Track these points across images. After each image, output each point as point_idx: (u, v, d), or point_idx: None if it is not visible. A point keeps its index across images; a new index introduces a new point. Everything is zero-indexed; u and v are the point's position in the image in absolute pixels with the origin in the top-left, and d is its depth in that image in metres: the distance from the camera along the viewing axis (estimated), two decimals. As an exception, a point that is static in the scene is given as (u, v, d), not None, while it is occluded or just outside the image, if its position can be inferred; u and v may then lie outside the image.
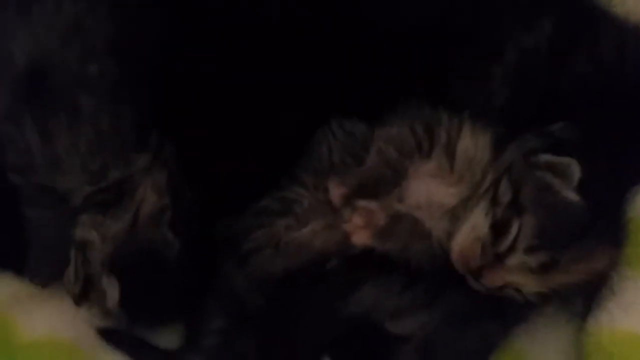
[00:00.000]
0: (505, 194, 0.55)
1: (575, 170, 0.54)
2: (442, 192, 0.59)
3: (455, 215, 0.58)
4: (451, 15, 0.64)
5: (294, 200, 0.60)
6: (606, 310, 0.54)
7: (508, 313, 0.57)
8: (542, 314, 0.59)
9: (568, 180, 0.55)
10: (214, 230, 0.61)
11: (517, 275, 0.54)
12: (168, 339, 0.62)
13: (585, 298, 0.58)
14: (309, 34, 0.63)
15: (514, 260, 0.54)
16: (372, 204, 0.57)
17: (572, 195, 0.54)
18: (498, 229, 0.55)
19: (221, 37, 0.61)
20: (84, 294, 0.58)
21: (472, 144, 0.60)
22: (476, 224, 0.56)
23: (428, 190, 0.59)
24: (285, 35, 0.62)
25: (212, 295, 0.61)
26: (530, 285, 0.54)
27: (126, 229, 0.57)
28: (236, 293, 0.59)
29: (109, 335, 0.60)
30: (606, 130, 0.60)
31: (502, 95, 0.63)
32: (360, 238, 0.57)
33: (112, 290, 0.56)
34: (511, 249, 0.54)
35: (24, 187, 0.58)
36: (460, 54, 0.64)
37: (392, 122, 0.60)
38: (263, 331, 0.58)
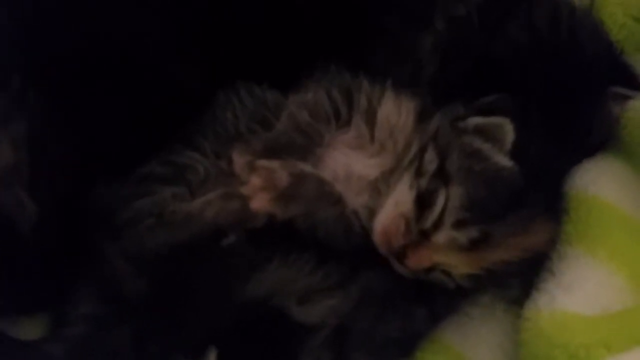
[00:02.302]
0: (430, 162, 0.50)
1: (508, 130, 0.50)
2: (362, 163, 0.53)
3: (376, 189, 0.52)
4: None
5: (187, 166, 0.52)
6: (545, 292, 0.48)
7: (437, 300, 0.50)
8: (476, 304, 0.52)
9: (500, 144, 0.50)
10: (85, 197, 0.50)
11: (446, 254, 0.48)
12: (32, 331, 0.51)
13: (522, 284, 0.51)
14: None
15: (441, 237, 0.47)
16: (273, 163, 0.49)
17: (504, 161, 0.49)
18: (423, 202, 0.48)
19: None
20: None
21: (395, 111, 0.54)
22: (399, 199, 0.49)
23: (346, 162, 0.53)
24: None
25: (83, 276, 0.50)
26: (460, 265, 0.48)
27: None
28: (110, 272, 0.49)
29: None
30: (542, 98, 0.56)
31: (432, 64, 0.59)
32: (259, 202, 0.49)
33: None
34: (438, 224, 0.48)
35: None
36: (386, 21, 0.59)
37: (308, 88, 0.54)
38: (141, 318, 0.47)
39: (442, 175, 0.48)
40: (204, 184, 0.52)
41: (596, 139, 0.57)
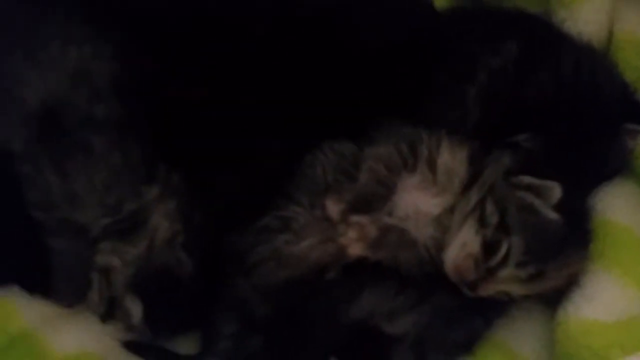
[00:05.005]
0: (492, 215, 0.61)
1: (557, 192, 0.60)
2: (428, 202, 0.65)
3: (440, 222, 0.65)
4: (427, 42, 0.70)
5: (291, 217, 0.66)
6: (572, 301, 0.61)
7: (491, 309, 0.65)
8: (520, 307, 0.66)
9: (548, 200, 0.61)
10: (222, 246, 0.66)
11: (508, 285, 0.61)
12: (187, 346, 0.68)
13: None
14: (296, 66, 0.68)
15: (505, 274, 0.60)
16: (364, 219, 0.64)
17: (552, 214, 0.60)
18: (488, 247, 0.60)
19: (214, 72, 0.66)
20: (109, 313, 0.64)
21: (451, 157, 0.66)
22: (467, 241, 0.61)
23: (415, 201, 0.65)
24: (272, 68, 0.68)
25: (224, 304, 0.67)
26: (518, 291, 0.61)
27: (144, 253, 0.62)
28: (245, 301, 0.65)
29: (134, 347, 0.66)
30: (565, 134, 0.66)
31: (475, 112, 0.69)
32: (355, 250, 0.63)
33: (135, 309, 0.62)
34: (502, 264, 0.60)
35: (46, 221, 0.63)
36: (436, 78, 0.70)
37: (379, 141, 0.66)
38: (271, 335, 0.64)
39: (503, 227, 0.60)
40: (305, 230, 0.66)
41: (612, 169, 0.68)
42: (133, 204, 0.62)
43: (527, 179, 0.62)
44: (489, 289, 0.61)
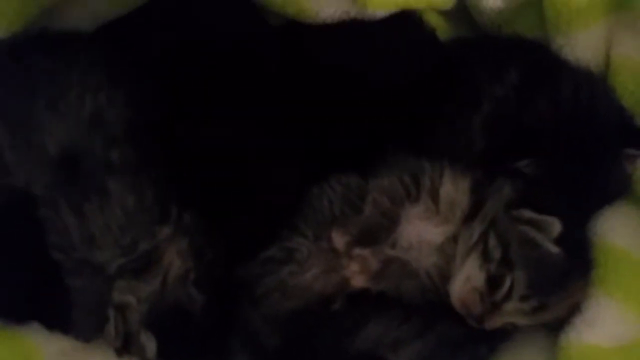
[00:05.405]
0: (495, 249, 0.63)
1: (557, 227, 0.62)
2: (431, 231, 0.67)
3: (443, 250, 0.67)
4: (434, 74, 0.73)
5: (295, 249, 0.69)
6: (574, 326, 0.63)
7: (495, 337, 0.66)
8: (523, 332, 0.67)
9: (547, 233, 0.62)
10: (231, 279, 0.69)
11: (512, 317, 0.63)
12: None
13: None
14: (304, 100, 0.71)
15: (510, 307, 0.62)
16: (366, 252, 0.66)
17: (553, 248, 0.62)
18: (492, 281, 0.62)
19: (222, 113, 0.70)
20: (125, 348, 0.66)
21: (453, 187, 0.68)
22: (471, 275, 0.63)
23: (418, 231, 0.67)
24: (281, 103, 0.71)
25: (235, 336, 0.69)
26: (522, 322, 0.63)
27: (157, 291, 0.65)
28: (255, 333, 0.68)
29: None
30: (565, 159, 0.68)
31: (480, 140, 0.71)
32: (358, 282, 0.66)
33: (150, 344, 0.65)
34: (506, 297, 0.62)
35: (65, 262, 0.66)
36: (442, 108, 0.72)
37: (382, 172, 0.69)
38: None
39: (506, 262, 0.62)
40: (309, 261, 0.68)
41: (612, 193, 0.68)
42: (147, 244, 0.65)
43: (527, 214, 0.63)
44: (495, 322, 0.62)
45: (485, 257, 0.63)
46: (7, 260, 0.67)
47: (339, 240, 0.67)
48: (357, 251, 0.66)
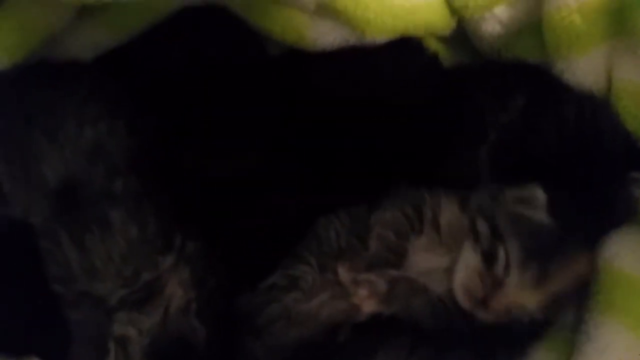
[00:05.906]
0: (483, 229, 0.63)
1: (540, 194, 0.63)
2: (436, 260, 0.67)
3: (448, 270, 0.66)
4: (439, 104, 0.73)
5: (299, 276, 0.68)
6: (584, 354, 0.62)
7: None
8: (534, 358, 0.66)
9: (537, 206, 0.63)
10: (233, 308, 0.68)
11: (518, 293, 0.61)
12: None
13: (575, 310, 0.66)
14: (310, 132, 0.71)
15: (511, 280, 0.61)
16: (372, 276, 0.65)
17: (544, 218, 0.62)
18: (488, 258, 0.62)
19: (225, 142, 0.69)
20: (126, 381, 0.65)
21: (453, 215, 0.67)
22: (468, 260, 0.63)
23: (426, 263, 0.67)
24: (286, 134, 0.71)
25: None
26: (530, 299, 0.62)
27: (159, 323, 0.64)
28: (257, 363, 0.67)
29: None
30: (571, 188, 0.66)
31: (486, 169, 0.71)
32: (369, 307, 0.65)
33: (151, 377, 0.64)
34: (505, 270, 0.61)
35: (64, 294, 0.65)
36: (449, 139, 0.72)
37: (385, 205, 0.69)
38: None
39: (496, 236, 0.62)
40: (313, 289, 0.67)
41: (618, 217, 0.68)
42: (149, 274, 0.64)
43: (510, 192, 0.64)
44: (501, 302, 0.61)
45: (476, 238, 0.63)
46: (6, 293, 0.66)
47: (345, 275, 0.67)
48: (363, 276, 0.65)
